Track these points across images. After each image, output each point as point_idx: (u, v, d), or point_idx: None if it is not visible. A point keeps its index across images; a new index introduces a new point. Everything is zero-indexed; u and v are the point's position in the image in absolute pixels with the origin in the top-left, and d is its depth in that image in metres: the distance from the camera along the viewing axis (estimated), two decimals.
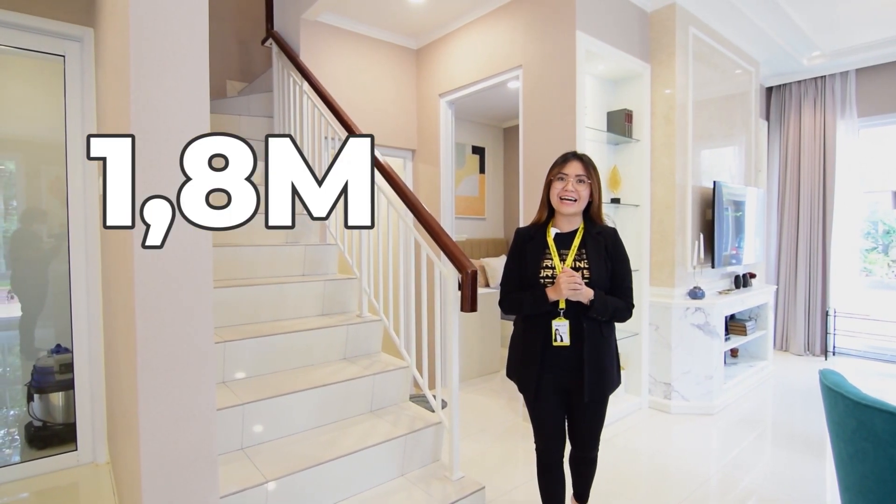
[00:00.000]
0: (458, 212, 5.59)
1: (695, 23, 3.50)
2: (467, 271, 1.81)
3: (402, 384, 2.27)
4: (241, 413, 1.80)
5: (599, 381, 1.65)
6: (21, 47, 2.48)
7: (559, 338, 1.65)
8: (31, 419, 2.70)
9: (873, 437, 1.00)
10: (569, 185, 1.67)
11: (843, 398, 1.08)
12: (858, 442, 1.05)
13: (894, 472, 0.97)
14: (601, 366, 1.66)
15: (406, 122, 3.99)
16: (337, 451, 1.80)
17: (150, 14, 1.15)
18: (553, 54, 3.01)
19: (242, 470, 1.66)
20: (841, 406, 1.10)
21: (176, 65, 1.19)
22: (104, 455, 2.66)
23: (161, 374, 1.18)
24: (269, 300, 2.37)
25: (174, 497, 1.22)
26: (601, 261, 1.67)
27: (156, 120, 1.16)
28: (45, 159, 2.74)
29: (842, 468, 1.15)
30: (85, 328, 2.61)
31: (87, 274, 2.60)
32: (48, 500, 2.36)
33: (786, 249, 5.03)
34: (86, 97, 2.59)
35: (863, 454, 1.04)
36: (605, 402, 1.73)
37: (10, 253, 2.71)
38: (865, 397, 1.03)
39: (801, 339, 4.88)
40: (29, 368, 2.74)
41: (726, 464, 2.67)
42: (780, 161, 5.12)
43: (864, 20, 3.81)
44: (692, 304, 3.33)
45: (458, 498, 1.81)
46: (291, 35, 3.38)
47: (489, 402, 3.63)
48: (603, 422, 1.77)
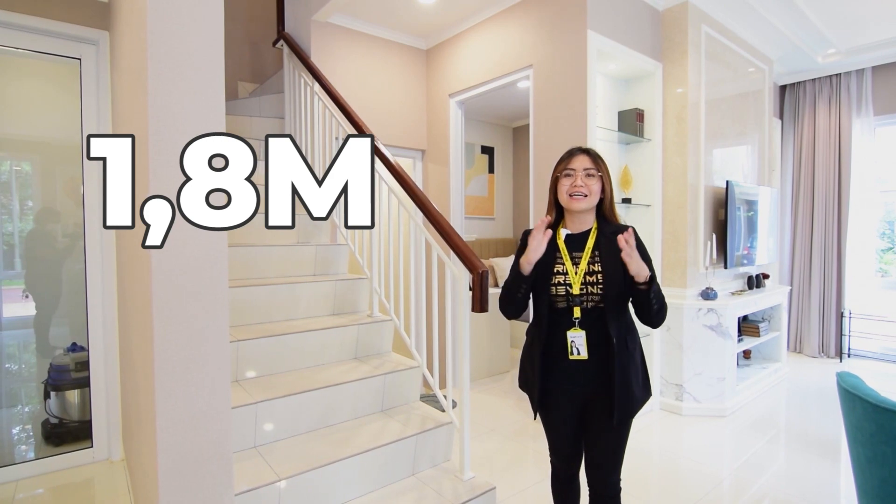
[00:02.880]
0: (468, 212, 5.59)
1: (707, 21, 3.47)
2: (478, 271, 1.80)
3: (412, 384, 2.27)
4: (253, 412, 1.81)
5: (629, 399, 1.49)
6: (39, 51, 2.52)
7: (575, 350, 1.50)
8: (48, 416, 2.75)
9: (893, 440, 0.98)
10: (577, 179, 1.53)
11: (861, 401, 1.06)
12: (877, 446, 1.04)
13: None
14: (629, 381, 1.49)
15: (416, 123, 4.00)
16: (348, 450, 1.81)
17: (166, 20, 1.17)
18: (564, 54, 2.99)
19: (255, 468, 1.67)
20: (860, 409, 1.08)
21: (192, 69, 1.20)
22: (119, 452, 2.69)
23: (178, 372, 1.20)
24: (280, 300, 2.38)
25: (190, 494, 1.23)
26: (618, 264, 1.48)
27: (172, 123, 1.18)
28: (60, 160, 2.78)
29: (860, 472, 1.14)
30: (100, 327, 2.65)
31: (102, 273, 2.64)
32: (65, 495, 2.39)
33: (800, 250, 4.97)
34: (101, 99, 2.63)
35: (882, 458, 1.03)
36: (629, 422, 1.55)
37: (24, 252, 2.75)
38: (885, 400, 1.01)
39: (816, 340, 4.82)
40: (44, 366, 2.79)
41: (739, 465, 2.64)
42: (794, 160, 5.06)
43: (881, 16, 3.76)
44: (704, 305, 3.31)
45: (468, 498, 1.81)
46: (302, 36, 3.40)
47: (499, 402, 3.62)
48: (625, 445, 1.57)
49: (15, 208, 2.72)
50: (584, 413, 1.58)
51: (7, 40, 2.43)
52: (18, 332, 2.81)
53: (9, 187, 2.69)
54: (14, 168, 2.73)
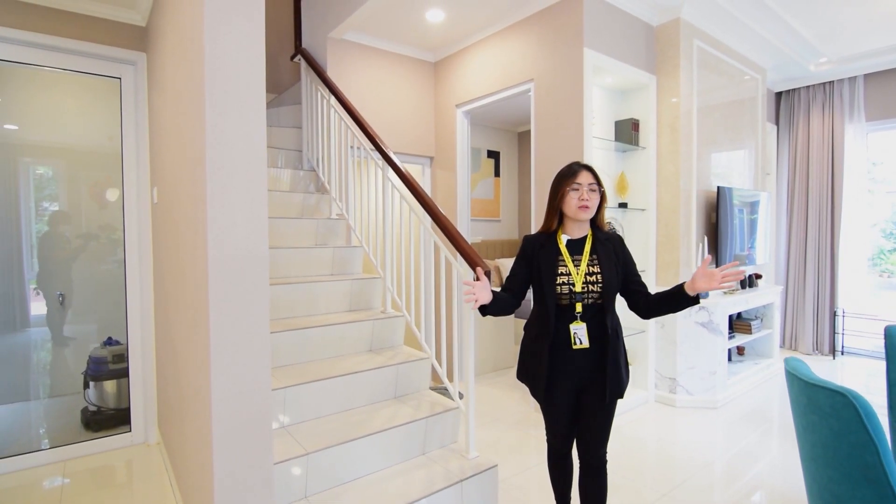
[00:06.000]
0: (474, 214, 5.82)
1: (699, 35, 3.67)
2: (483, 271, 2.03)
3: (423, 373, 2.50)
4: (283, 395, 2.05)
5: (619, 381, 1.74)
6: (85, 71, 2.78)
7: (578, 340, 1.72)
8: (87, 404, 3.00)
9: (819, 410, 1.20)
10: (584, 193, 1.74)
11: (797, 379, 1.28)
12: (808, 416, 1.25)
13: (834, 438, 1.17)
14: (618, 365, 1.74)
15: (424, 131, 4.23)
16: (365, 430, 2.04)
17: (222, 69, 1.41)
18: (562, 69, 3.21)
19: (285, 444, 1.91)
20: (796, 386, 1.30)
21: (240, 102, 1.44)
22: (154, 436, 2.95)
23: (228, 355, 1.43)
24: (302, 297, 2.62)
25: (238, 459, 1.47)
26: (612, 265, 1.76)
27: (224, 150, 1.42)
28: (87, 165, 2.95)
29: (799, 439, 1.35)
30: (138, 322, 2.91)
31: (140, 274, 2.89)
32: (109, 473, 2.65)
33: (795, 251, 5.14)
34: (139, 113, 2.88)
35: (812, 426, 1.24)
36: (615, 402, 1.80)
37: (40, 254, 2.87)
38: (812, 377, 1.22)
39: (810, 338, 4.99)
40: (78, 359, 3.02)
41: (725, 451, 2.85)
42: (789, 164, 5.23)
43: (867, 29, 3.93)
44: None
45: (473, 473, 2.03)
46: (319, 52, 3.64)
47: (503, 394, 3.84)
48: (612, 422, 1.82)
49: (48, 208, 2.87)
50: (580, 395, 1.81)
51: (58, 63, 2.69)
52: (42, 330, 2.98)
53: (29, 190, 2.81)
54: (37, 172, 2.88)
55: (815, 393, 1.19)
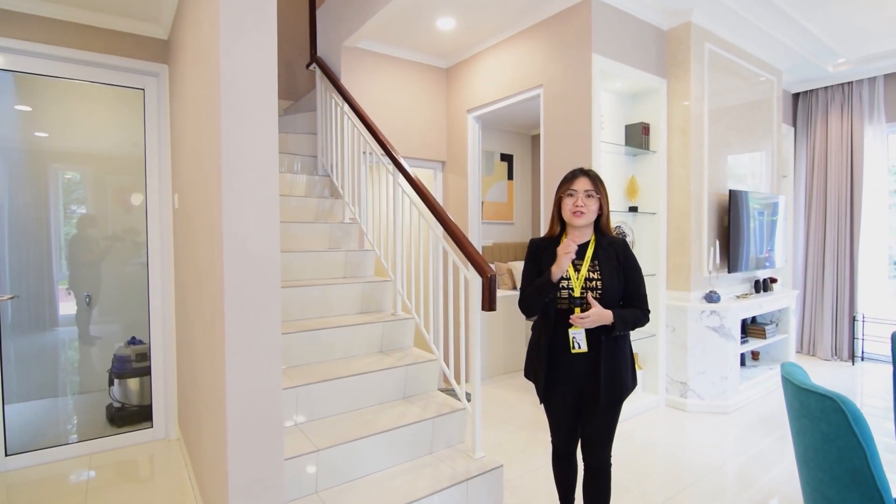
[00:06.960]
0: (487, 217, 5.86)
1: (711, 38, 3.66)
2: (487, 276, 2.08)
3: (431, 375, 2.56)
4: (294, 394, 2.13)
5: (614, 386, 1.75)
6: (111, 83, 2.92)
7: (577, 345, 1.76)
8: (112, 401, 3.14)
9: (810, 414, 1.22)
10: (578, 199, 1.78)
11: (791, 384, 1.30)
12: (801, 419, 1.27)
13: (824, 442, 1.19)
14: (616, 371, 1.76)
15: (436, 137, 4.30)
16: (374, 428, 2.10)
17: (236, 81, 1.49)
18: (571, 75, 3.24)
19: (297, 441, 1.99)
20: (790, 391, 1.32)
21: (252, 115, 1.52)
22: (175, 432, 3.07)
23: (241, 356, 1.51)
24: (315, 299, 2.70)
25: (251, 454, 1.55)
26: (613, 270, 1.77)
27: (238, 159, 1.50)
28: (113, 170, 3.06)
29: (793, 442, 1.38)
30: (160, 323, 3.03)
31: (162, 276, 3.02)
32: (132, 466, 2.77)
33: (813, 254, 5.06)
34: (161, 122, 3.01)
35: (804, 429, 1.26)
36: (618, 405, 1.81)
37: (69, 256, 2.98)
38: (804, 382, 1.25)
39: (829, 343, 4.91)
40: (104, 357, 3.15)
41: (735, 456, 2.84)
42: (807, 166, 5.16)
43: (886, 29, 3.87)
44: (707, 308, 3.49)
45: (478, 473, 2.08)
46: (333, 60, 3.74)
47: (513, 397, 3.88)
48: (615, 426, 1.83)
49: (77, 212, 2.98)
50: (581, 398, 1.85)
51: (86, 75, 2.83)
52: (74, 329, 3.12)
53: (58, 194, 2.93)
54: (65, 177, 2.99)
55: (806, 397, 1.22)
